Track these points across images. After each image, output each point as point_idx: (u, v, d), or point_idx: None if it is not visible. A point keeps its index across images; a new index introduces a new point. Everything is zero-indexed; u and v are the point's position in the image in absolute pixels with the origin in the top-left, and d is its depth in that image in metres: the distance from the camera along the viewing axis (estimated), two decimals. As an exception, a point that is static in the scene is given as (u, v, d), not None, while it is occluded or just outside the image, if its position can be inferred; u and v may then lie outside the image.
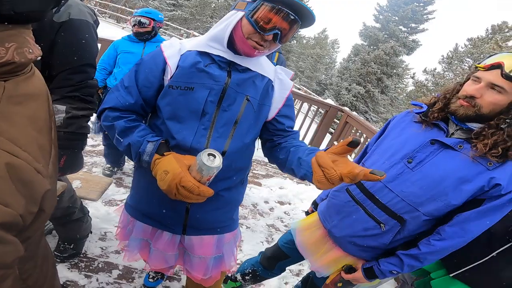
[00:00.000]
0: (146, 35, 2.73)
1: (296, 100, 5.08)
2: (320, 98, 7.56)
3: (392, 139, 1.29)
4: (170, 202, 1.03)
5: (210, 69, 1.04)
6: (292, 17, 0.97)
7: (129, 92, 1.06)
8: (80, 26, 1.26)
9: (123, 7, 23.01)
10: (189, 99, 1.03)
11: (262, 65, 1.14)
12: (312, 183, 0.90)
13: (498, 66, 1.03)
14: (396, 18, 26.57)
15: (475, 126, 1.10)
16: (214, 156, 0.89)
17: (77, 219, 1.80)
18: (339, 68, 29.24)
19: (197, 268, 1.24)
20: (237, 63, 1.07)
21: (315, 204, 1.61)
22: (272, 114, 1.15)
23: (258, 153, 1.27)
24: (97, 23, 1.39)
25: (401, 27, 26.55)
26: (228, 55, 1.06)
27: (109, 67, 2.83)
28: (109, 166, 2.91)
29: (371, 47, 26.53)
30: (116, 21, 20.74)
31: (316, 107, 5.21)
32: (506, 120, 1.04)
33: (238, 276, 1.78)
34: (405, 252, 1.17)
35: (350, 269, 1.33)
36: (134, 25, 2.74)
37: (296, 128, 4.91)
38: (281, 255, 1.63)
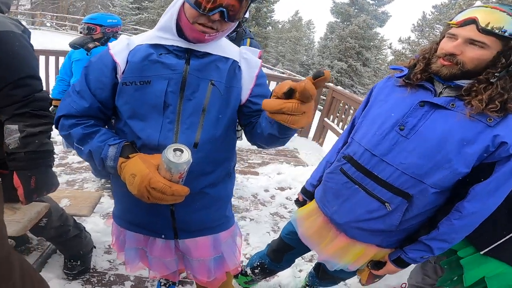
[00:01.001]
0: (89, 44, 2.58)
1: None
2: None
3: (378, 107, 1.21)
4: (152, 207, 0.97)
5: (165, 59, 0.97)
6: None
7: (81, 96, 0.99)
8: (5, 39, 1.16)
9: (83, 17, 22.70)
10: (147, 93, 0.95)
11: (223, 47, 1.06)
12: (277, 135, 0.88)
13: (472, 21, 0.99)
14: None
15: (464, 82, 1.04)
16: (181, 151, 0.82)
17: (74, 236, 1.79)
18: (318, 47, 29.43)
19: (198, 271, 1.19)
20: (195, 49, 1.00)
21: (304, 192, 1.52)
22: (245, 96, 1.06)
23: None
24: (27, 32, 1.28)
25: (368, 0, 26.70)
26: (183, 43, 0.99)
27: (68, 77, 2.71)
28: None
29: (345, 23, 26.96)
30: (78, 32, 20.40)
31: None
32: (495, 74, 0.99)
33: (248, 270, 1.74)
34: (428, 237, 1.11)
35: (377, 264, 1.26)
36: (80, 33, 2.62)
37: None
38: (285, 247, 1.57)
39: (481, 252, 1.20)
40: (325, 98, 5.15)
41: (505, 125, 0.98)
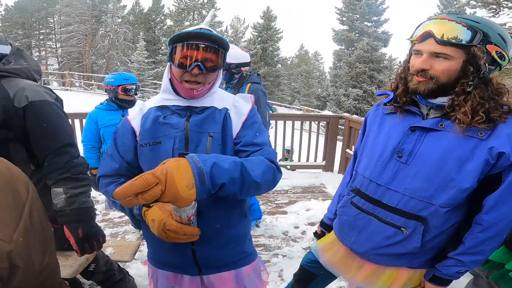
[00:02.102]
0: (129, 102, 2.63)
1: (296, 122, 5.14)
2: (321, 112, 7.68)
3: (374, 138, 1.26)
4: (176, 246, 1.09)
5: (170, 120, 1.13)
6: (203, 45, 1.04)
7: (113, 159, 1.18)
8: (42, 108, 1.30)
9: (106, 75, 23.71)
10: (159, 152, 1.11)
11: (218, 99, 1.19)
12: None
13: (429, 35, 1.03)
14: (357, 15, 27.24)
15: (442, 100, 1.08)
16: None
17: (119, 279, 2.02)
18: (330, 77, 29.70)
19: None
20: (194, 105, 1.15)
21: (322, 225, 1.58)
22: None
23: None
24: (59, 100, 1.43)
25: (366, 23, 27.23)
26: (183, 102, 1.15)
27: (97, 144, 2.67)
28: None
29: (350, 49, 27.08)
30: (104, 90, 21.23)
31: (317, 122, 5.32)
32: (469, 83, 1.01)
33: None
34: (457, 252, 1.11)
35: None
36: (125, 93, 2.62)
37: (305, 145, 4.88)
38: (307, 276, 1.58)
39: None
40: (343, 127, 5.22)
41: (496, 135, 1.00)
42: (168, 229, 0.98)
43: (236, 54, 2.62)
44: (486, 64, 1.00)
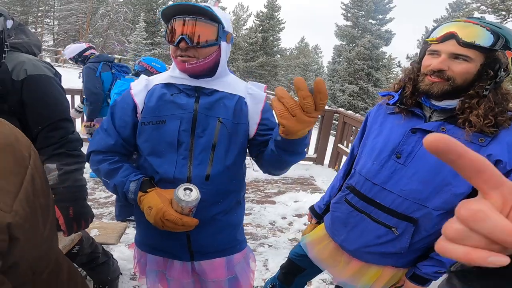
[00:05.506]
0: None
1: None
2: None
3: (374, 137, 1.25)
4: (170, 232, 1.06)
5: (177, 98, 1.08)
6: (187, 19, 1.01)
7: (108, 134, 1.12)
8: (40, 82, 1.28)
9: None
10: (162, 132, 1.07)
11: (230, 84, 1.14)
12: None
13: (451, 35, 1.00)
14: (363, 12, 27.06)
15: (447, 103, 1.06)
16: (191, 190, 0.95)
17: (103, 262, 1.97)
18: (328, 71, 29.63)
19: None
20: (203, 86, 1.10)
21: (312, 211, 1.57)
22: (253, 130, 1.14)
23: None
24: (58, 75, 1.41)
25: (370, 20, 27.11)
26: (192, 81, 1.10)
27: None
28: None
29: (351, 45, 26.93)
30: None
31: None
32: (486, 87, 1.00)
33: None
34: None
35: None
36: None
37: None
38: (295, 269, 1.59)
39: None
40: (337, 121, 5.21)
41: (496, 142, 0.99)
42: (167, 219, 0.96)
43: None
44: (502, 69, 0.99)
